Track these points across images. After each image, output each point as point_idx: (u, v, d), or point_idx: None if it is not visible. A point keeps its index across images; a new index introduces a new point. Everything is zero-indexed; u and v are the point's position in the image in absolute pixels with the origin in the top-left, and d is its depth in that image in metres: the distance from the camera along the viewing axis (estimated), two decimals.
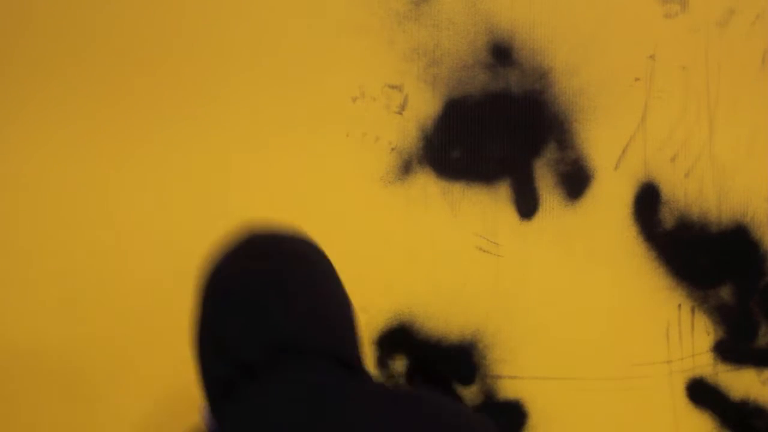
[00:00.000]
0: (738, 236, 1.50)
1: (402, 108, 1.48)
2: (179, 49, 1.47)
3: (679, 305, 1.50)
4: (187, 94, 1.47)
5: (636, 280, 1.50)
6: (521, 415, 1.50)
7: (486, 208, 1.49)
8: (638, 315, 1.50)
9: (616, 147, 1.49)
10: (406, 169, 1.49)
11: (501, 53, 1.48)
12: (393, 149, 1.48)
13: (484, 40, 1.48)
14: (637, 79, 1.49)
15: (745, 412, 1.51)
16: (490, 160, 1.49)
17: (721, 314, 1.51)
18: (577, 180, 1.49)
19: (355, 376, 0.97)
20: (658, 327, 1.50)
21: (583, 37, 1.48)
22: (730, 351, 1.51)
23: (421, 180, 1.49)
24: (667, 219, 1.50)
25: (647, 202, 1.50)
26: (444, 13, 1.48)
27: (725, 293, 1.51)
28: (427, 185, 1.49)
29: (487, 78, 1.48)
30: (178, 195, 1.49)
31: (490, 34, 1.48)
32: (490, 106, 1.48)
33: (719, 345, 1.51)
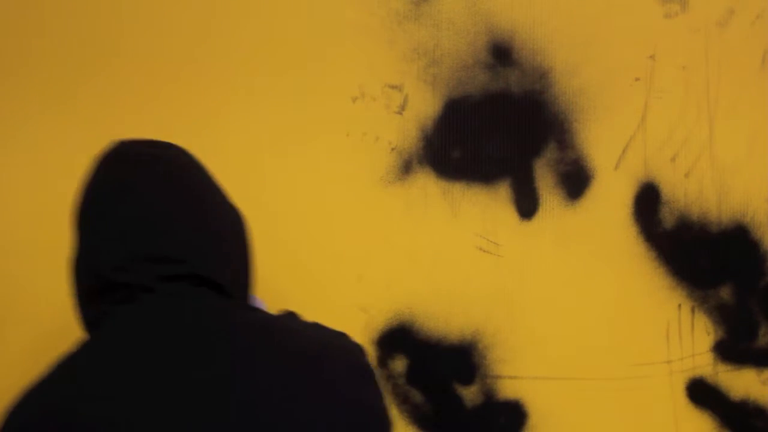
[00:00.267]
0: (738, 236, 1.50)
1: (402, 108, 1.48)
2: (179, 50, 1.47)
3: (679, 305, 1.50)
4: (186, 95, 1.47)
5: (636, 280, 1.50)
6: (521, 415, 1.50)
7: (486, 208, 1.49)
8: (638, 315, 1.50)
9: (616, 147, 1.49)
10: (406, 169, 1.49)
11: (501, 53, 1.48)
12: (393, 149, 1.48)
13: (484, 40, 1.48)
14: (637, 79, 1.49)
15: (745, 412, 1.51)
16: (490, 160, 1.49)
17: (721, 314, 1.51)
18: (577, 180, 1.49)
19: (209, 297, 0.91)
20: (658, 327, 1.50)
21: (583, 37, 1.48)
22: (730, 351, 1.51)
23: (421, 180, 1.49)
24: (667, 219, 1.50)
25: (647, 202, 1.50)
26: (444, 13, 1.48)
27: (725, 293, 1.51)
28: (427, 185, 1.49)
29: (487, 78, 1.48)
30: None
31: (490, 34, 1.48)
32: (490, 106, 1.48)
33: (719, 345, 1.51)
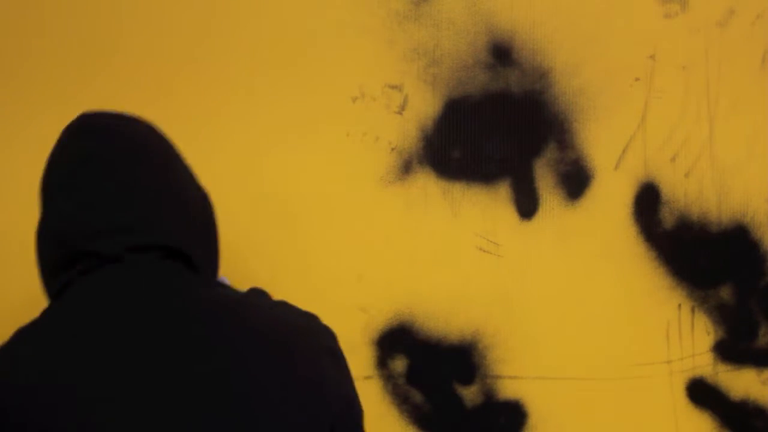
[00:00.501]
0: (738, 236, 1.50)
1: (402, 108, 1.48)
2: (179, 50, 1.47)
3: (679, 305, 1.50)
4: (186, 95, 1.47)
5: (636, 280, 1.50)
6: (521, 415, 1.50)
7: (486, 208, 1.49)
8: (638, 315, 1.50)
9: (616, 147, 1.49)
10: (406, 169, 1.49)
11: (501, 53, 1.48)
12: (393, 149, 1.48)
13: (484, 40, 1.48)
14: (637, 79, 1.49)
15: (745, 412, 1.51)
16: (490, 160, 1.49)
17: (721, 314, 1.51)
18: (577, 180, 1.49)
19: (178, 270, 0.91)
20: (658, 327, 1.50)
21: (583, 37, 1.48)
22: (730, 351, 1.51)
23: (421, 180, 1.49)
24: (667, 219, 1.50)
25: (647, 202, 1.50)
26: (444, 13, 1.48)
27: (725, 293, 1.51)
28: (427, 185, 1.49)
29: (487, 78, 1.48)
30: None
31: (490, 34, 1.48)
32: (490, 106, 1.48)
33: (719, 345, 1.51)
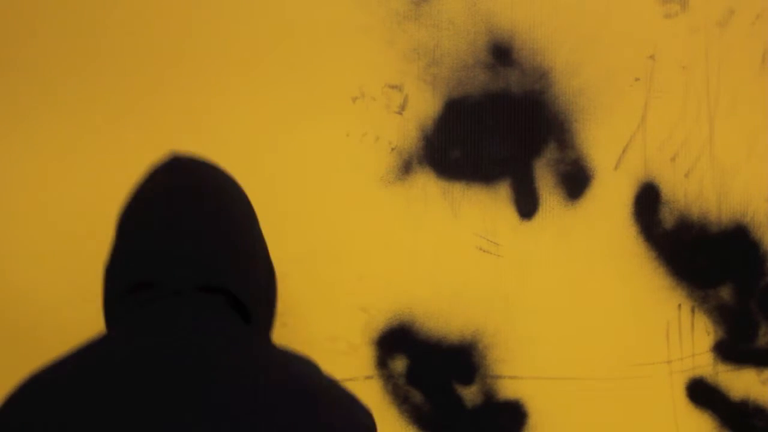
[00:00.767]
0: (738, 236, 1.50)
1: (402, 108, 1.48)
2: (179, 50, 1.47)
3: (679, 305, 1.50)
4: (186, 94, 1.47)
5: (636, 280, 1.50)
6: (521, 415, 1.50)
7: (486, 208, 1.49)
8: (638, 315, 1.50)
9: (616, 147, 1.49)
10: (406, 169, 1.49)
11: (501, 53, 1.48)
12: (393, 149, 1.48)
13: (484, 40, 1.48)
14: (637, 79, 1.49)
15: (745, 412, 1.51)
16: (490, 160, 1.49)
17: (721, 314, 1.51)
18: (577, 180, 1.49)
19: (236, 324, 0.92)
20: (658, 327, 1.50)
21: (583, 37, 1.48)
22: (730, 351, 1.51)
23: (421, 180, 1.49)
24: (667, 219, 1.50)
25: (647, 202, 1.50)
26: (444, 13, 1.48)
27: (725, 293, 1.51)
28: (427, 185, 1.49)
29: (487, 78, 1.48)
30: None
31: (490, 34, 1.48)
32: (490, 106, 1.48)
33: (719, 345, 1.51)
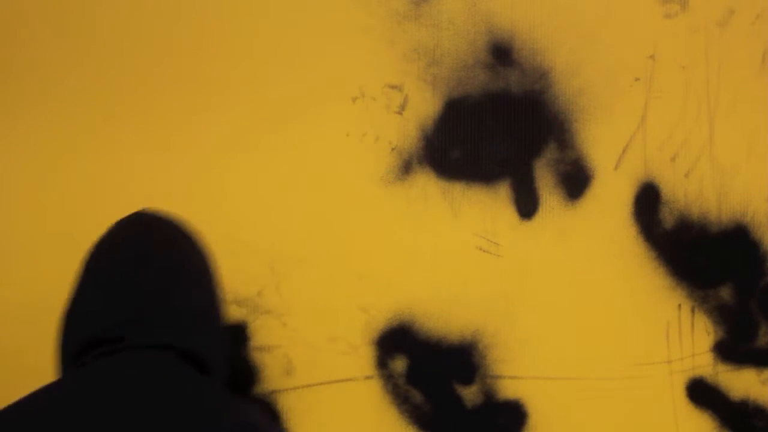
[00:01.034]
0: (738, 236, 1.50)
1: (402, 108, 1.48)
2: (178, 49, 1.47)
3: (679, 305, 1.50)
4: (186, 94, 1.47)
5: (636, 280, 1.50)
6: (521, 415, 1.50)
7: (486, 208, 1.49)
8: (638, 315, 1.50)
9: (616, 147, 1.49)
10: (406, 169, 1.49)
11: (501, 53, 1.48)
12: (393, 149, 1.48)
13: (484, 40, 1.48)
14: (637, 79, 1.49)
15: (745, 412, 1.51)
16: (490, 160, 1.49)
17: (721, 314, 1.51)
18: (577, 180, 1.49)
19: (188, 376, 0.92)
20: (658, 327, 1.50)
21: (583, 37, 1.48)
22: (730, 351, 1.51)
23: (421, 180, 1.49)
24: (667, 219, 1.50)
25: (647, 202, 1.50)
26: (444, 13, 1.48)
27: (725, 293, 1.51)
28: (427, 185, 1.49)
29: (487, 78, 1.48)
30: (178, 194, 1.49)
31: (490, 34, 1.48)
32: (490, 106, 1.48)
33: (719, 345, 1.51)
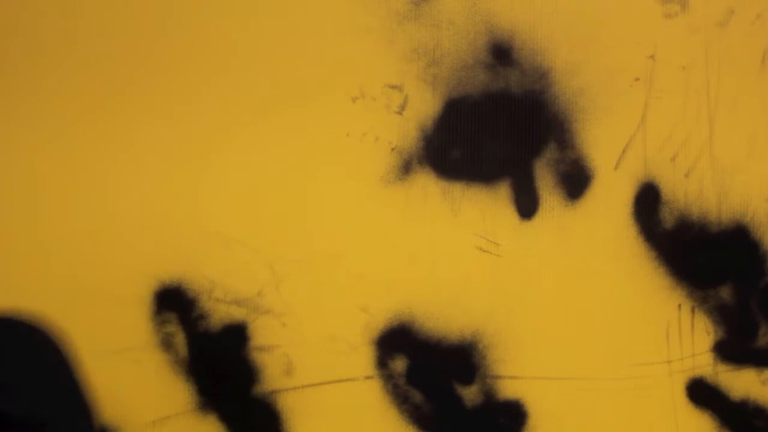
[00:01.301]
0: (738, 236, 1.50)
1: (402, 108, 1.48)
2: (178, 49, 1.47)
3: (679, 305, 1.50)
4: (185, 93, 1.47)
5: (636, 280, 1.50)
6: (521, 415, 1.50)
7: (486, 208, 1.49)
8: (638, 315, 1.50)
9: (616, 147, 1.49)
10: (406, 169, 1.49)
11: (501, 53, 1.48)
12: (393, 149, 1.48)
13: (484, 40, 1.48)
14: (637, 79, 1.49)
15: (745, 412, 1.51)
16: (490, 160, 1.49)
17: (721, 314, 1.51)
18: (577, 180, 1.49)
19: None
20: (658, 327, 1.50)
21: (583, 37, 1.48)
22: (730, 351, 1.51)
23: (421, 180, 1.49)
24: (667, 219, 1.50)
25: (647, 202, 1.49)
26: (444, 13, 1.48)
27: (725, 293, 1.51)
28: (427, 185, 1.49)
29: (487, 78, 1.48)
30: (178, 194, 1.49)
31: (490, 34, 1.48)
32: (490, 106, 1.48)
33: (719, 345, 1.51)
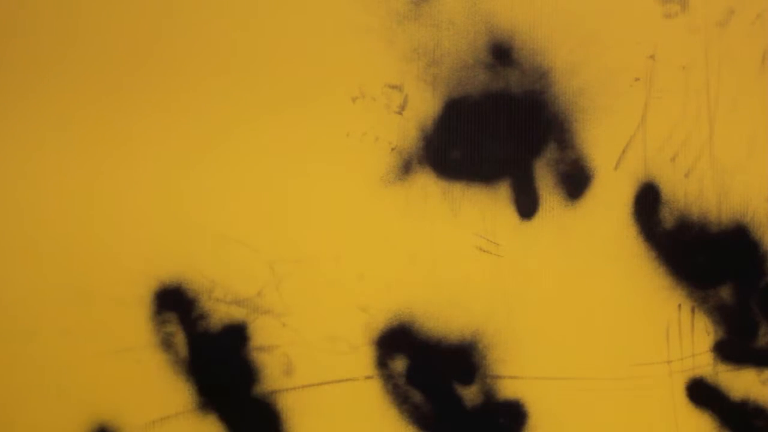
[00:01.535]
0: (738, 236, 1.50)
1: (402, 108, 1.48)
2: (178, 49, 1.47)
3: (679, 305, 1.50)
4: (185, 93, 1.47)
5: (636, 280, 1.50)
6: (521, 415, 1.50)
7: (486, 208, 1.49)
8: (638, 315, 1.50)
9: (616, 147, 1.49)
10: (406, 169, 1.49)
11: (501, 53, 1.48)
12: (393, 149, 1.48)
13: (484, 40, 1.48)
14: (637, 79, 1.49)
15: (745, 412, 1.51)
16: (490, 160, 1.49)
17: (721, 314, 1.51)
18: (577, 180, 1.49)
19: None
20: (658, 327, 1.50)
21: (583, 37, 1.48)
22: (730, 351, 1.51)
23: (421, 180, 1.49)
24: (667, 219, 1.50)
25: (647, 202, 1.49)
26: (444, 13, 1.48)
27: (725, 293, 1.51)
28: (427, 185, 1.49)
29: (487, 78, 1.48)
30: (178, 194, 1.49)
31: (490, 34, 1.48)
32: (490, 106, 1.48)
33: (719, 345, 1.51)
